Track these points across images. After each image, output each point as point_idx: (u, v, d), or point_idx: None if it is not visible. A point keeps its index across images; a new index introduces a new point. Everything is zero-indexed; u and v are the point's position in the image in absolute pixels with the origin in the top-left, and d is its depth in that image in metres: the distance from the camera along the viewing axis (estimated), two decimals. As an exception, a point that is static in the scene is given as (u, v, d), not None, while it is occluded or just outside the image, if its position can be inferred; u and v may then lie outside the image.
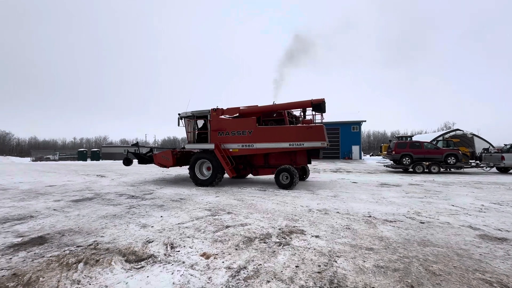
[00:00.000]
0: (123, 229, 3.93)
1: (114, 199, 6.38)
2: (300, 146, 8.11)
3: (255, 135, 8.58)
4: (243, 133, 8.76)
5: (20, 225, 4.20)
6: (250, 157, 9.28)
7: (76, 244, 3.31)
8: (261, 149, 8.57)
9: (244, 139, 8.72)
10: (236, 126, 8.87)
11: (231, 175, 8.75)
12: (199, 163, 9.14)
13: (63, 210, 5.28)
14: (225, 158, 8.70)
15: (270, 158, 9.10)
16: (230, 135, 8.93)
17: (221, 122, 9.09)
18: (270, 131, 8.55)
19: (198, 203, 5.85)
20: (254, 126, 8.61)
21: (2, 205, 5.77)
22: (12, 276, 2.49)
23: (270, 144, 8.43)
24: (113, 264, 2.72)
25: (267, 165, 9.16)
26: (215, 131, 9.13)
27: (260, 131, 8.58)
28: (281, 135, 8.34)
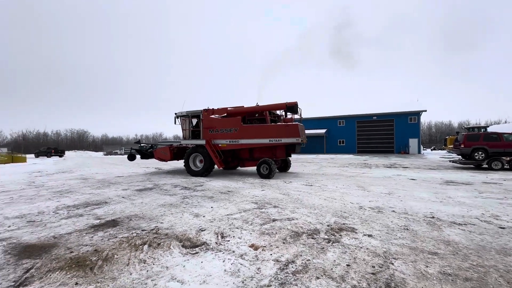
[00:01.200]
0: (179, 217, 4.29)
1: (170, 190, 7.00)
2: (279, 142, 9.39)
3: (240, 132, 9.87)
4: (230, 131, 10.05)
5: (98, 209, 4.93)
6: (238, 151, 10.59)
7: (141, 228, 3.74)
8: (245, 144, 9.86)
9: (231, 136, 10.01)
10: (224, 125, 10.18)
11: (220, 167, 10.13)
12: (193, 156, 10.55)
13: (129, 198, 6.02)
14: (215, 152, 10.03)
15: (254, 152, 10.41)
16: (219, 132, 10.25)
17: (211, 121, 10.40)
18: (252, 129, 9.82)
19: (245, 196, 6.03)
20: (239, 125, 9.90)
21: (84, 192, 6.86)
22: (94, 251, 2.94)
23: (253, 140, 9.74)
24: (171, 248, 3.00)
25: (252, 158, 10.49)
26: (206, 129, 10.44)
27: (244, 128, 9.84)
28: (262, 132, 9.62)
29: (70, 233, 3.59)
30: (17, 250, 3.01)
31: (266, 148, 10.07)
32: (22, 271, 2.49)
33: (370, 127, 31.72)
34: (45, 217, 4.45)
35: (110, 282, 2.27)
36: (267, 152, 10.18)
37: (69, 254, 2.88)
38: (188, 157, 10.54)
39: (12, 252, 2.97)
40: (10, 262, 2.70)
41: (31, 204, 5.51)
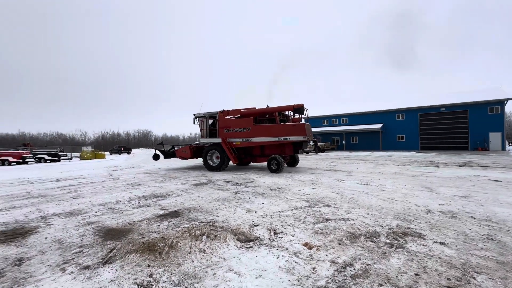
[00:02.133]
0: (232, 212, 4.48)
1: (223, 185, 7.36)
2: (287, 139, 10.31)
3: (252, 131, 10.89)
4: (243, 130, 11.08)
5: (162, 201, 5.49)
6: (250, 149, 11.58)
7: (199, 220, 4.02)
8: (257, 142, 10.89)
9: (244, 134, 11.05)
10: (238, 124, 11.21)
11: (234, 162, 11.21)
12: (211, 153, 11.75)
13: (187, 191, 6.54)
14: (230, 149, 11.11)
15: (265, 149, 11.37)
16: (234, 131, 11.28)
17: (226, 121, 11.46)
18: (263, 128, 10.81)
19: (295, 193, 5.95)
20: (251, 124, 10.94)
21: (150, 185, 7.72)
22: (161, 238, 3.28)
23: (264, 138, 10.74)
24: (227, 241, 3.14)
25: (263, 155, 11.45)
26: (222, 128, 11.50)
27: (256, 128, 10.87)
28: (272, 131, 10.57)
29: (141, 220, 4.08)
30: (103, 233, 3.56)
31: (275, 146, 11.07)
32: (107, 251, 2.94)
33: (437, 120, 27.91)
34: (122, 205, 5.16)
35: (176, 267, 2.50)
36: (277, 149, 11.13)
37: (142, 239, 3.27)
38: (206, 154, 11.74)
39: (99, 234, 3.53)
40: (98, 242, 3.21)
41: (110, 194, 6.45)
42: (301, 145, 10.84)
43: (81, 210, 4.84)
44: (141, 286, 2.18)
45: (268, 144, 11.02)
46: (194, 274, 2.36)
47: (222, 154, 11.30)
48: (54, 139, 79.16)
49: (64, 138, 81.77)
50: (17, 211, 4.95)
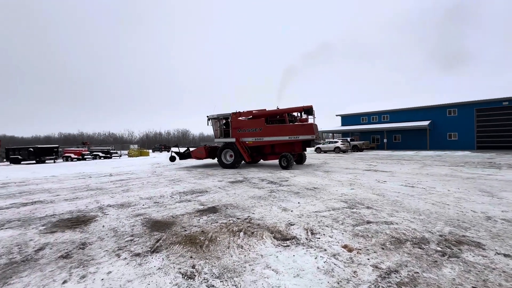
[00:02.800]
0: (268, 210, 4.51)
1: (258, 183, 7.45)
2: (296, 138, 11.26)
3: (264, 131, 11.77)
4: (255, 130, 11.94)
5: (201, 197, 5.76)
6: (261, 147, 12.43)
7: (236, 217, 4.14)
8: (268, 141, 11.80)
9: (256, 134, 11.90)
10: (250, 125, 12.08)
11: (247, 160, 12.07)
12: (224, 152, 12.41)
13: (224, 188, 6.76)
14: (243, 148, 11.93)
15: (275, 147, 12.19)
16: (246, 132, 12.13)
17: (239, 122, 12.34)
18: (274, 128, 11.72)
19: (333, 193, 5.76)
20: (263, 125, 11.85)
21: (190, 182, 8.15)
22: (201, 232, 3.45)
23: (275, 138, 11.65)
24: (264, 238, 3.18)
25: (273, 153, 12.32)
26: (235, 129, 12.34)
27: (268, 128, 11.78)
28: (283, 131, 11.48)
29: (183, 214, 4.34)
30: (150, 224, 3.87)
31: (285, 144, 11.90)
32: (154, 241, 3.19)
33: (498, 115, 24.52)
34: (165, 200, 5.54)
35: (216, 261, 2.61)
36: (287, 147, 12.00)
37: (184, 232, 3.48)
38: (220, 152, 12.45)
39: (146, 225, 3.84)
40: (146, 232, 3.50)
41: (155, 189, 6.98)
42: (309, 143, 11.87)
43: (130, 203, 5.32)
44: (185, 276, 2.33)
45: (279, 143, 11.89)
46: (233, 268, 2.44)
47: (235, 153, 12.04)
48: (107, 138, 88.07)
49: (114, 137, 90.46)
50: (79, 201, 5.64)
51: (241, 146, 11.97)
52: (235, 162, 12.01)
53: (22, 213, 4.74)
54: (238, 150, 11.94)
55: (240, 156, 11.92)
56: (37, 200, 5.91)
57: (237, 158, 11.95)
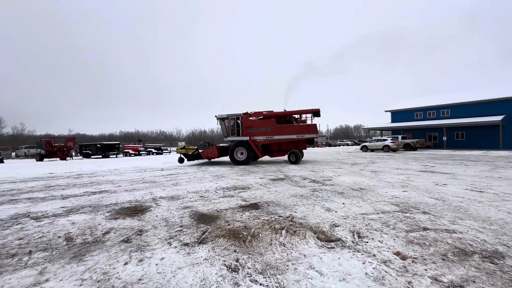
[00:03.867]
0: (311, 209, 4.39)
1: (300, 182, 7.32)
2: (303, 137, 12.66)
3: (274, 130, 12.95)
4: (266, 129, 13.00)
5: (243, 193, 5.90)
6: (269, 145, 13.49)
7: (278, 214, 4.13)
8: (278, 139, 13.02)
9: (267, 133, 12.99)
10: (262, 125, 13.11)
11: (260, 157, 13.35)
12: (237, 150, 13.18)
13: (265, 186, 6.81)
14: (256, 146, 12.98)
15: (282, 145, 13.44)
16: (257, 131, 13.09)
17: (251, 122, 13.23)
18: (284, 127, 12.98)
19: (382, 195, 5.34)
20: (274, 124, 13.00)
21: (232, 178, 8.42)
22: (244, 227, 3.53)
23: (284, 136, 12.92)
24: (307, 238, 3.11)
25: (280, 150, 13.62)
26: (246, 128, 13.21)
27: (278, 127, 12.97)
28: (291, 130, 12.84)
29: (226, 209, 4.51)
30: (196, 216, 4.11)
31: (292, 142, 13.21)
32: (200, 232, 3.38)
33: None
34: (210, 194, 5.82)
35: (258, 256, 2.64)
36: (292, 145, 13.29)
37: (228, 226, 3.61)
38: (233, 150, 13.17)
39: (193, 217, 4.09)
40: (193, 224, 3.72)
41: (201, 183, 7.39)
42: (312, 141, 13.52)
43: (179, 196, 5.73)
44: (229, 269, 2.41)
45: (286, 141, 13.17)
46: (276, 266, 2.44)
47: (248, 150, 12.96)
48: (158, 136, 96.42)
49: (164, 135, 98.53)
50: (137, 192, 6.28)
51: (254, 144, 13.04)
52: (247, 159, 12.96)
53: (92, 200, 5.48)
54: (251, 147, 12.96)
55: (253, 153, 12.99)
56: (103, 190, 6.77)
57: (249, 155, 12.93)
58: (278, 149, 13.66)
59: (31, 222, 3.98)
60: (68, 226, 3.76)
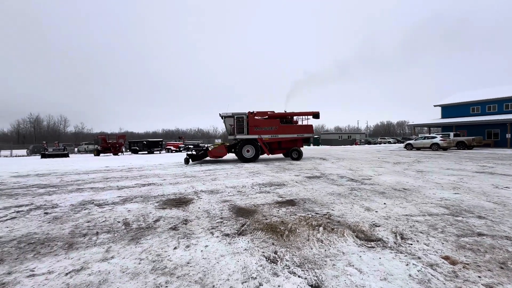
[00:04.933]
0: (349, 208, 4.30)
1: (337, 180, 7.15)
2: (302, 136, 14.22)
3: (279, 129, 13.91)
4: (271, 128, 13.87)
5: (279, 189, 5.98)
6: (271, 143, 14.15)
7: (315, 211, 4.13)
8: (281, 138, 14.00)
9: (272, 132, 13.86)
10: (268, 124, 13.95)
11: (268, 154, 14.18)
12: (244, 147, 13.60)
13: (301, 183, 6.80)
14: (264, 143, 13.83)
15: (282, 143, 14.36)
16: (263, 129, 13.83)
17: (257, 121, 13.94)
18: (287, 127, 14.14)
19: (428, 197, 4.97)
20: (278, 124, 13.99)
21: (268, 174, 8.55)
22: (281, 222, 3.63)
23: (287, 135, 14.01)
24: (345, 236, 3.08)
25: (280, 148, 14.47)
26: (252, 127, 13.76)
27: (282, 127, 14.00)
28: (293, 130, 14.16)
29: (263, 204, 4.64)
30: (235, 210, 4.32)
31: (291, 141, 14.38)
32: (239, 225, 3.56)
33: None
34: (246, 190, 6.03)
35: (296, 250, 2.72)
36: (291, 143, 14.46)
37: (265, 220, 3.74)
38: (241, 148, 13.53)
39: (232, 210, 4.31)
40: (232, 217, 3.93)
41: (237, 179, 7.66)
42: (308, 140, 15.39)
43: (218, 190, 6.04)
44: (268, 259, 2.53)
45: (287, 140, 14.26)
46: (314, 260, 2.49)
47: (256, 148, 13.63)
48: (196, 133, 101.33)
49: (202, 132, 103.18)
50: (180, 186, 6.78)
51: (263, 142, 13.84)
52: (255, 156, 13.62)
53: (143, 191, 6.08)
54: (259, 145, 13.74)
55: (261, 150, 13.81)
56: (151, 182, 7.45)
57: (257, 153, 13.62)
58: (278, 147, 14.46)
59: (95, 208, 4.59)
60: (125, 213, 4.27)
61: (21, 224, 3.78)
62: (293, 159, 14.10)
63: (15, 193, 6.15)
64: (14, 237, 3.25)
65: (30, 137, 65.02)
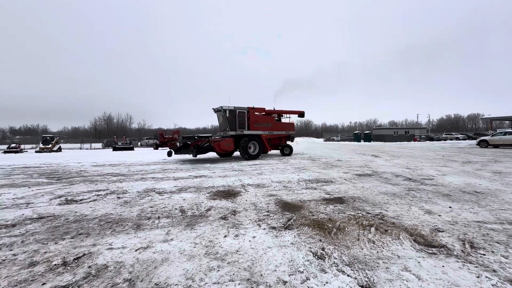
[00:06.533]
0: (406, 210, 3.94)
1: (391, 179, 6.59)
2: (288, 133, 15.66)
3: (274, 126, 14.66)
4: (268, 125, 14.29)
5: (326, 186, 5.81)
6: (267, 139, 14.18)
7: (365, 211, 3.90)
8: (275, 134, 14.77)
9: (268, 128, 14.29)
10: (266, 120, 14.31)
11: (269, 150, 14.38)
12: (250, 143, 13.05)
13: (350, 180, 6.47)
14: (267, 139, 13.98)
15: (272, 140, 14.88)
16: (262, 126, 13.95)
17: (257, 117, 13.95)
18: (280, 124, 15.41)
19: (509, 202, 4.23)
20: (273, 121, 14.83)
21: (314, 171, 8.36)
22: (328, 219, 3.54)
23: (279, 132, 14.98)
24: (401, 239, 2.85)
25: (270, 144, 14.56)
26: (253, 122, 13.54)
27: (276, 124, 15.01)
28: (283, 127, 15.49)
29: (310, 200, 4.58)
30: (281, 204, 4.37)
31: (278, 138, 15.04)
32: (286, 219, 3.59)
33: None
34: (292, 185, 6.01)
35: (345, 249, 2.63)
36: (278, 140, 15.15)
37: (311, 216, 3.69)
38: (247, 144, 12.78)
39: (278, 204, 4.36)
40: (278, 211, 3.98)
41: (283, 174, 7.69)
42: (290, 137, 15.98)
43: (264, 184, 6.16)
44: (315, 255, 2.50)
45: (277, 137, 14.84)
46: (365, 261, 2.37)
47: (259, 144, 13.32)
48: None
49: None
50: (228, 179, 7.13)
51: (266, 138, 13.93)
52: (259, 153, 13.34)
53: (196, 182, 6.58)
54: (262, 141, 13.56)
55: (263, 147, 13.61)
56: (202, 174, 8.00)
57: (260, 149, 13.38)
58: (268, 143, 14.46)
59: (157, 196, 5.16)
60: (180, 201, 4.69)
61: (100, 205, 4.48)
62: (284, 155, 14.80)
63: (95, 180, 7.30)
64: (96, 216, 3.88)
65: (104, 133, 75.74)
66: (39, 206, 4.49)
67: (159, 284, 2.06)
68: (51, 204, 4.59)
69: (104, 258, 2.51)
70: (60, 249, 2.73)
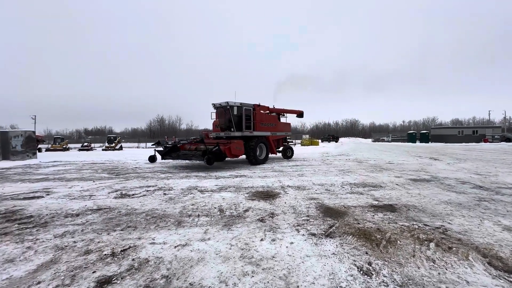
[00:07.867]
0: (476, 224, 3.31)
1: (456, 186, 5.68)
2: (287, 134, 14.20)
3: (276, 126, 13.14)
4: (271, 125, 12.78)
5: (375, 191, 5.28)
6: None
7: (423, 222, 3.39)
8: (277, 136, 13.13)
9: (272, 129, 12.75)
10: (270, 120, 12.75)
11: (275, 153, 13.05)
12: (258, 146, 11.13)
13: (404, 186, 5.77)
14: (274, 141, 12.68)
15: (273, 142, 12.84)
16: (267, 126, 12.33)
17: (263, 116, 12.22)
18: (282, 124, 13.77)
19: None
20: (277, 121, 13.46)
21: (361, 174, 7.73)
22: (377, 229, 3.16)
23: (280, 133, 13.33)
24: (471, 260, 2.36)
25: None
26: (258, 122, 11.70)
27: (279, 124, 13.54)
28: (283, 127, 13.78)
29: (355, 206, 4.19)
30: (322, 209, 4.09)
31: (275, 140, 12.94)
32: (327, 226, 3.32)
33: None
34: (336, 189, 5.62)
35: (397, 266, 2.28)
36: (277, 142, 13.28)
37: (357, 224, 3.35)
38: (255, 146, 10.81)
39: (319, 209, 4.09)
40: (319, 216, 3.73)
41: (325, 177, 7.28)
42: (286, 139, 14.57)
43: (305, 187, 5.90)
44: (361, 270, 2.23)
45: (276, 138, 13.01)
46: (422, 283, 2.02)
47: (266, 147, 11.64)
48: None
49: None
50: (267, 179, 7.04)
51: (272, 140, 12.47)
52: (266, 157, 11.68)
53: (235, 182, 6.65)
54: (269, 143, 12.00)
55: (270, 149, 12.11)
56: (242, 174, 8.07)
57: (267, 152, 11.74)
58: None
59: (198, 194, 5.34)
60: (220, 200, 4.76)
61: (148, 200, 4.82)
62: (285, 158, 13.26)
63: (146, 176, 7.95)
64: (144, 210, 4.17)
65: (157, 133, 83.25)
66: (99, 198, 5.04)
67: (194, 284, 2.05)
68: (108, 197, 5.11)
69: (147, 252, 2.63)
70: (111, 240, 2.96)
